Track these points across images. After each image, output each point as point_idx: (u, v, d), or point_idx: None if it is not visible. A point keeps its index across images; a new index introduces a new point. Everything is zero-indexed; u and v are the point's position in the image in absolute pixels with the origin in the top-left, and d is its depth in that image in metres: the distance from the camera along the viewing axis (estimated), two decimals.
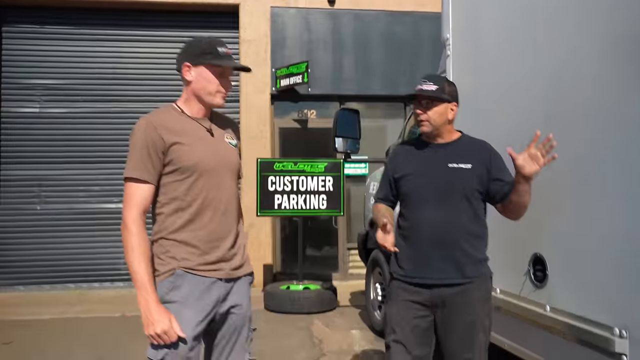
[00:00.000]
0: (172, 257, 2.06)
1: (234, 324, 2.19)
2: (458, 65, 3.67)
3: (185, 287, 2.05)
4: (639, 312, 2.11)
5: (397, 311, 2.53)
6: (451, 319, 2.45)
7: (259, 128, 8.00)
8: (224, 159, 2.19)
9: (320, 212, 6.80)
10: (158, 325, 1.93)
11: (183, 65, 2.14)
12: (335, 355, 4.79)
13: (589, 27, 2.46)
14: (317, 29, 8.28)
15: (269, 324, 5.82)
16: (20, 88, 7.95)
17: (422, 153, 2.60)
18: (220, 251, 2.13)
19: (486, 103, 3.32)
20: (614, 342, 2.18)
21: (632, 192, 2.19)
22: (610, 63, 2.32)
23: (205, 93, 2.14)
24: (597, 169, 2.39)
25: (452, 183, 2.46)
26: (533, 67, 2.86)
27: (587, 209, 2.45)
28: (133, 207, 2.02)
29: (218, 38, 2.22)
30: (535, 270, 2.78)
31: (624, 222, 2.22)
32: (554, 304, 2.62)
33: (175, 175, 2.08)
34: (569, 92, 2.58)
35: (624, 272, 2.20)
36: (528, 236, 2.84)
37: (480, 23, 3.43)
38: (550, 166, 2.22)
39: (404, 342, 2.48)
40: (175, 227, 2.08)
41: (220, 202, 2.15)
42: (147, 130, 2.04)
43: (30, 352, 4.98)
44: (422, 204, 2.50)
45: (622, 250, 2.22)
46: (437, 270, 2.45)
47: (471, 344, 2.44)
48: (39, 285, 7.77)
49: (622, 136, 2.25)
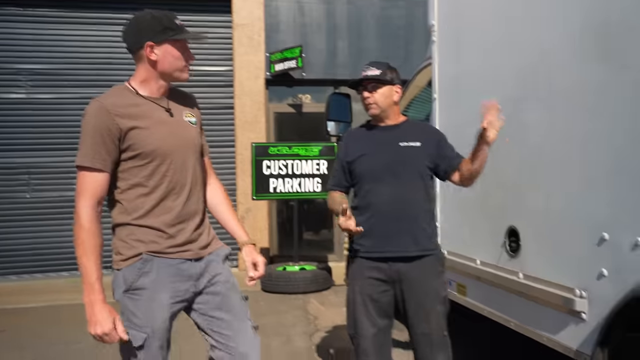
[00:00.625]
0: (139, 240, 2.00)
1: (220, 292, 2.14)
2: (443, 52, 3.79)
3: (155, 271, 2.00)
4: (594, 274, 2.30)
5: (361, 288, 2.63)
6: (410, 293, 2.59)
7: (254, 113, 8.05)
8: (185, 140, 2.10)
9: (315, 194, 6.96)
10: (100, 327, 1.87)
11: (146, 45, 1.99)
12: (328, 331, 4.99)
13: (561, 14, 2.60)
14: (311, 14, 8.34)
15: (267, 303, 6.02)
16: (5, 73, 7.62)
17: (372, 135, 2.72)
18: (187, 233, 2.08)
19: (469, 89, 3.45)
20: (575, 302, 2.37)
21: (591, 171, 2.38)
22: (579, 50, 2.47)
23: (173, 70, 2.06)
24: (563, 149, 2.56)
25: (405, 161, 2.62)
26: (510, 54, 3.00)
27: (553, 186, 2.63)
28: (86, 197, 1.92)
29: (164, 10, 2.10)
30: (510, 242, 2.95)
31: (584, 198, 2.42)
32: (526, 272, 2.80)
33: (135, 160, 1.99)
34: (542, 78, 2.73)
35: (583, 240, 2.39)
36: (504, 210, 3.02)
37: (463, 10, 3.55)
38: (524, 148, 2.41)
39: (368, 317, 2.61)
40: (139, 214, 2.01)
41: (184, 185, 2.09)
42: (100, 116, 1.92)
43: (25, 338, 5.01)
44: (377, 182, 2.61)
45: (582, 222, 2.42)
46: (395, 243, 2.57)
47: (429, 317, 2.58)
48: (31, 275, 7.61)
49: (585, 118, 2.42)
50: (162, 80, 2.07)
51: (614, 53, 2.24)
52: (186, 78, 2.11)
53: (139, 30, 2.01)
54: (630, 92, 2.15)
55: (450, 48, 3.70)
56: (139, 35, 2.01)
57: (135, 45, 2.03)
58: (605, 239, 2.24)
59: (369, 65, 2.70)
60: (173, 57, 2.03)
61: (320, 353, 4.37)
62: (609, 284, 2.22)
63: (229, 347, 2.12)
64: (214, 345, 2.15)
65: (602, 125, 2.31)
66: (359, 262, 2.66)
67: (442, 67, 3.80)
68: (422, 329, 2.59)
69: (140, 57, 2.04)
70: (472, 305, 3.41)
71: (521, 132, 2.83)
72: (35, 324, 5.49)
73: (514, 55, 2.96)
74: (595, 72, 2.35)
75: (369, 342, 2.61)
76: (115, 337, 1.91)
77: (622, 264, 2.16)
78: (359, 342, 2.65)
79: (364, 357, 2.63)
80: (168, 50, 2.02)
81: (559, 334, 2.53)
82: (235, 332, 2.14)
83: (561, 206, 2.57)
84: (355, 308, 2.65)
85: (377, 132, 2.72)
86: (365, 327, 2.61)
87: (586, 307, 2.34)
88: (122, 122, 1.94)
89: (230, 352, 2.12)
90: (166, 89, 2.11)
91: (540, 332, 2.68)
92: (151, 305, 1.98)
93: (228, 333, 2.13)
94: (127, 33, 2.05)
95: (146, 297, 1.98)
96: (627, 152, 2.17)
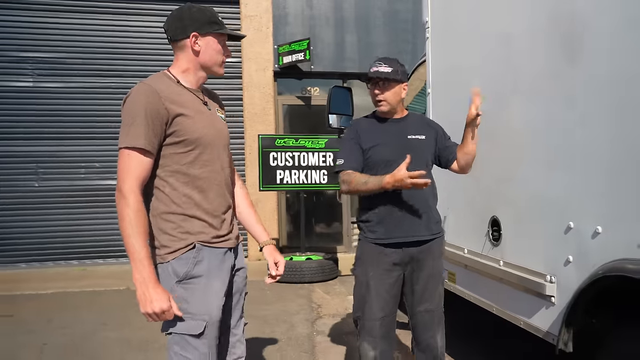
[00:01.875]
0: (187, 232, 2.00)
1: (238, 286, 2.21)
2: (434, 48, 3.91)
3: (206, 260, 2.01)
4: (562, 260, 2.43)
5: (374, 273, 2.70)
6: (418, 274, 2.74)
7: (262, 105, 8.13)
8: (220, 133, 2.14)
9: (321, 186, 7.09)
10: (157, 304, 1.85)
11: (191, 35, 2.04)
12: (331, 318, 5.16)
13: (530, 11, 2.71)
14: (319, 6, 8.39)
15: (273, 291, 6.18)
16: (11, 61, 7.56)
17: (381, 127, 2.82)
18: (227, 224, 2.13)
19: (456, 83, 3.57)
20: (545, 287, 2.51)
21: (558, 163, 2.50)
22: (546, 45, 2.58)
23: (213, 64, 2.10)
24: (535, 143, 2.70)
25: (415, 153, 2.68)
26: (491, 49, 3.12)
27: (526, 178, 2.76)
28: (132, 178, 1.89)
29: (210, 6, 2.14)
30: (492, 231, 3.08)
31: (553, 189, 2.55)
32: (506, 259, 2.93)
33: (178, 147, 1.99)
34: (517, 73, 2.86)
35: (552, 229, 2.52)
36: (488, 201, 3.15)
37: (451, 6, 3.66)
38: (505, 139, 2.65)
39: (379, 301, 2.70)
40: (182, 203, 2.00)
41: (222, 176, 2.12)
42: (150, 98, 1.92)
43: (35, 321, 5.19)
44: (390, 171, 2.60)
45: (552, 212, 2.55)
46: (409, 229, 2.69)
47: (433, 295, 2.76)
48: (41, 263, 7.58)
49: (553, 112, 2.54)
50: (202, 71, 2.11)
51: (578, 45, 2.34)
52: (222, 73, 2.16)
53: (185, 20, 2.05)
54: (596, 86, 2.25)
55: (440, 44, 3.82)
56: (185, 25, 2.04)
57: (180, 35, 2.05)
58: (571, 227, 2.37)
59: (380, 62, 2.76)
60: (214, 50, 2.09)
61: (320, 338, 4.53)
62: (574, 270, 2.35)
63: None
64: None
65: (568, 121, 2.42)
66: (372, 247, 2.74)
67: (434, 63, 3.91)
68: (426, 306, 2.74)
69: (182, 47, 2.07)
70: (460, 292, 3.54)
71: (502, 126, 2.95)
72: (45, 310, 5.64)
73: (493, 49, 3.08)
74: (559, 64, 2.47)
75: (377, 325, 2.69)
76: (171, 315, 1.90)
77: (585, 251, 2.29)
78: (365, 325, 2.72)
79: (371, 339, 2.70)
80: (210, 43, 2.08)
81: (533, 317, 2.66)
82: (233, 323, 2.22)
83: (534, 196, 2.70)
84: (367, 292, 2.72)
85: (386, 125, 2.82)
86: (375, 312, 2.69)
87: (555, 291, 2.47)
88: (171, 107, 1.95)
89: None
90: (204, 81, 2.16)
91: (517, 316, 2.81)
92: (207, 292, 1.99)
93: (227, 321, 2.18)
94: (172, 22, 2.08)
95: (202, 284, 1.98)
96: (589, 147, 2.29)
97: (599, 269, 2.16)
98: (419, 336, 2.79)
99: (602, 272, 2.13)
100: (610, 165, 2.17)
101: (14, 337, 4.72)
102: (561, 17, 2.47)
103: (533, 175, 2.70)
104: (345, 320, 5.06)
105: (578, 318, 2.31)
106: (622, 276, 2.03)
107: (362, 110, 3.79)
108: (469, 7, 3.40)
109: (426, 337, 2.76)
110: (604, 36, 2.21)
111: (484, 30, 3.19)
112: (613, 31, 2.16)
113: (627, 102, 2.07)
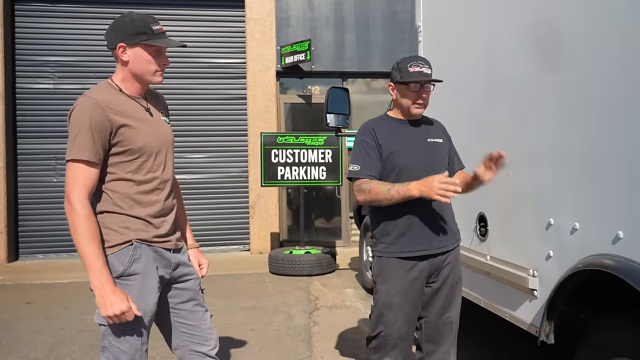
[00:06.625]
0: (127, 227, 2.07)
1: (192, 287, 2.28)
2: (427, 51, 4.04)
3: (144, 257, 2.08)
4: (543, 255, 2.59)
5: (399, 289, 2.54)
6: (443, 282, 2.61)
7: (265, 104, 8.39)
8: (164, 138, 2.20)
9: (321, 182, 7.28)
10: (117, 307, 1.92)
11: (118, 46, 2.07)
12: (328, 309, 5.33)
13: (512, 17, 2.88)
14: (320, 9, 8.63)
15: (272, 284, 6.38)
16: (34, 65, 8.13)
17: (401, 129, 2.63)
18: (168, 225, 2.19)
19: (446, 86, 3.70)
20: (529, 280, 2.67)
21: (542, 161, 2.65)
22: (526, 49, 2.75)
23: (144, 73, 2.12)
24: (517, 141, 2.84)
25: (435, 157, 2.62)
26: (476, 52, 3.29)
27: (512, 176, 2.87)
28: (81, 189, 1.97)
29: (149, 14, 2.18)
30: (480, 227, 3.25)
31: (534, 187, 2.71)
32: (492, 254, 3.10)
33: (123, 156, 2.07)
34: (500, 75, 3.02)
35: (535, 225, 2.68)
36: (476, 198, 3.29)
37: (441, 12, 3.81)
38: (491, 139, 2.74)
39: (404, 317, 2.57)
40: (125, 205, 2.08)
41: (166, 181, 2.20)
42: (94, 112, 1.98)
43: (53, 308, 5.45)
44: (414, 178, 2.43)
45: (534, 209, 2.71)
46: (436, 241, 2.55)
47: (453, 303, 2.65)
48: (58, 254, 8.08)
49: (533, 113, 2.70)
50: (137, 81, 2.15)
51: (556, 49, 2.51)
52: (159, 81, 2.17)
53: (115, 31, 2.10)
54: (574, 87, 2.41)
55: (432, 47, 3.97)
56: (114, 35, 2.10)
57: (110, 45, 2.12)
58: (551, 223, 2.54)
59: (421, 62, 2.57)
60: (144, 60, 2.10)
61: (317, 329, 4.71)
62: (554, 264, 2.51)
63: (193, 335, 2.27)
64: (175, 335, 2.27)
65: (547, 121, 2.59)
66: (394, 262, 2.56)
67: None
68: (447, 316, 2.63)
69: (116, 57, 2.12)
70: None
71: (487, 126, 3.13)
72: (62, 298, 5.88)
73: (479, 52, 3.24)
74: (539, 67, 2.63)
75: (399, 339, 2.58)
76: (132, 315, 1.96)
77: (564, 246, 2.45)
78: (388, 341, 2.58)
79: (394, 353, 2.59)
80: (139, 53, 2.09)
81: (517, 310, 2.82)
82: (199, 319, 2.29)
83: (517, 194, 2.86)
84: (391, 308, 2.56)
85: (404, 127, 2.63)
86: (398, 327, 2.56)
87: (537, 285, 2.64)
88: (115, 118, 2.02)
89: (193, 339, 2.27)
90: (143, 89, 2.20)
91: (503, 309, 2.98)
92: (143, 289, 2.07)
93: (192, 323, 2.27)
94: (107, 32, 2.14)
95: (139, 282, 2.06)
96: (568, 147, 2.44)
97: (578, 263, 2.30)
98: (432, 349, 2.65)
99: (581, 266, 2.26)
100: (587, 164, 2.31)
101: (35, 321, 5.03)
102: (539, 24, 2.63)
103: (516, 173, 2.83)
104: (341, 312, 5.24)
105: (558, 310, 2.45)
106: (599, 270, 2.16)
107: (360, 109, 3.94)
108: (457, 13, 3.56)
109: (440, 352, 2.64)
110: (580, 41, 2.36)
111: (471, 34, 3.35)
112: (589, 36, 2.30)
113: (604, 103, 2.21)
